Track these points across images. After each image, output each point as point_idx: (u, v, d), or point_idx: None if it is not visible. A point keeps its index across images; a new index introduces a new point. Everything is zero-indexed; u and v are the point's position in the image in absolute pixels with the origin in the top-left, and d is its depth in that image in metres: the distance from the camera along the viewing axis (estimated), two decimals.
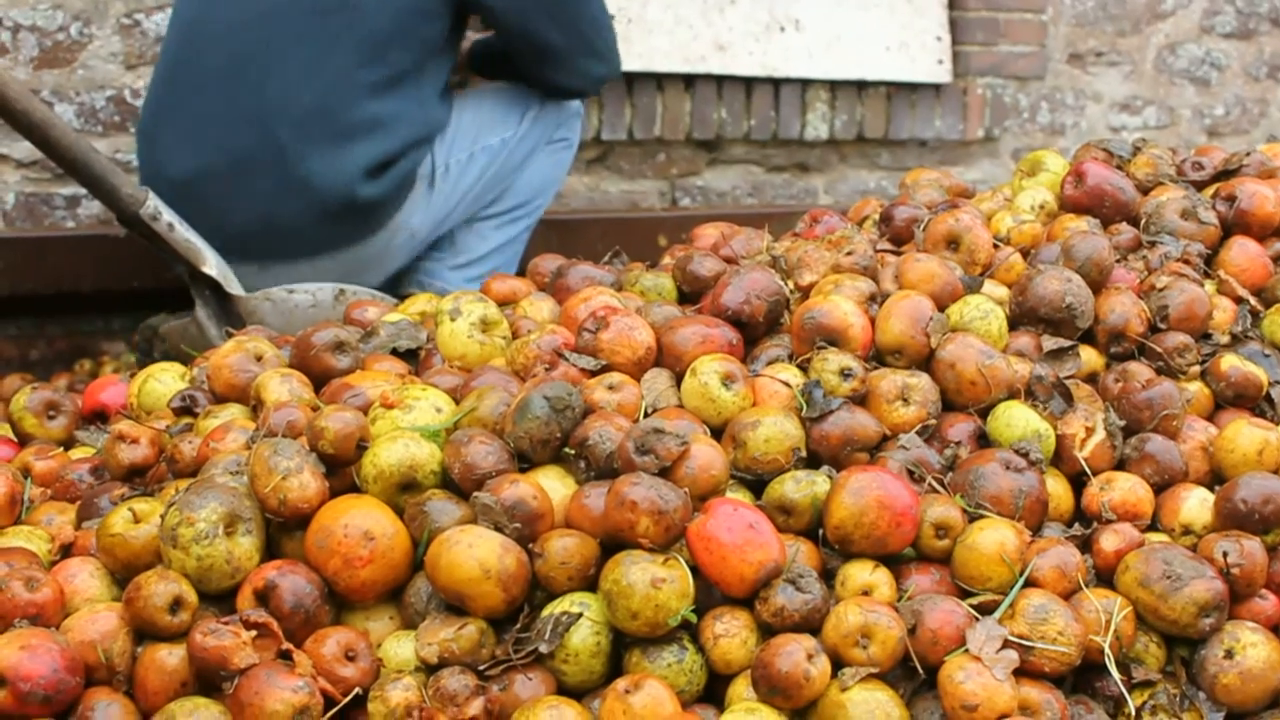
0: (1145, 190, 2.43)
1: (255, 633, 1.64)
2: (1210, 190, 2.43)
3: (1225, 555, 1.80)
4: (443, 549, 1.70)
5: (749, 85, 4.43)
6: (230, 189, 2.98)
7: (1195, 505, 1.92)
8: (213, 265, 2.98)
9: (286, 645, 1.65)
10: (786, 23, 4.46)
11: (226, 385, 2.08)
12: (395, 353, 2.16)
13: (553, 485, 1.82)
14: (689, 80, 4.33)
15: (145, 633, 1.67)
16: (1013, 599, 1.73)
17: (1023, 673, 1.69)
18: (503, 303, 2.33)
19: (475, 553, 1.69)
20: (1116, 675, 1.73)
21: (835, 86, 4.56)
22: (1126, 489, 1.92)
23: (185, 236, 2.95)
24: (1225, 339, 2.18)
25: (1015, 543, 1.78)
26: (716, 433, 1.91)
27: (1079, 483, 1.96)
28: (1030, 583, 1.77)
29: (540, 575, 1.73)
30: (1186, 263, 2.25)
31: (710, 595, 1.73)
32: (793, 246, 2.29)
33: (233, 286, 3.02)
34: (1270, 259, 2.31)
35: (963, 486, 1.86)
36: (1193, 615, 1.76)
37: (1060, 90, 4.97)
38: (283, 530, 1.77)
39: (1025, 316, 2.12)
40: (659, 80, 4.28)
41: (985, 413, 1.97)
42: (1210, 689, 1.76)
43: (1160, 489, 1.95)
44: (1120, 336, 2.12)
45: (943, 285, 2.11)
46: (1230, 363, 2.11)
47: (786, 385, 1.95)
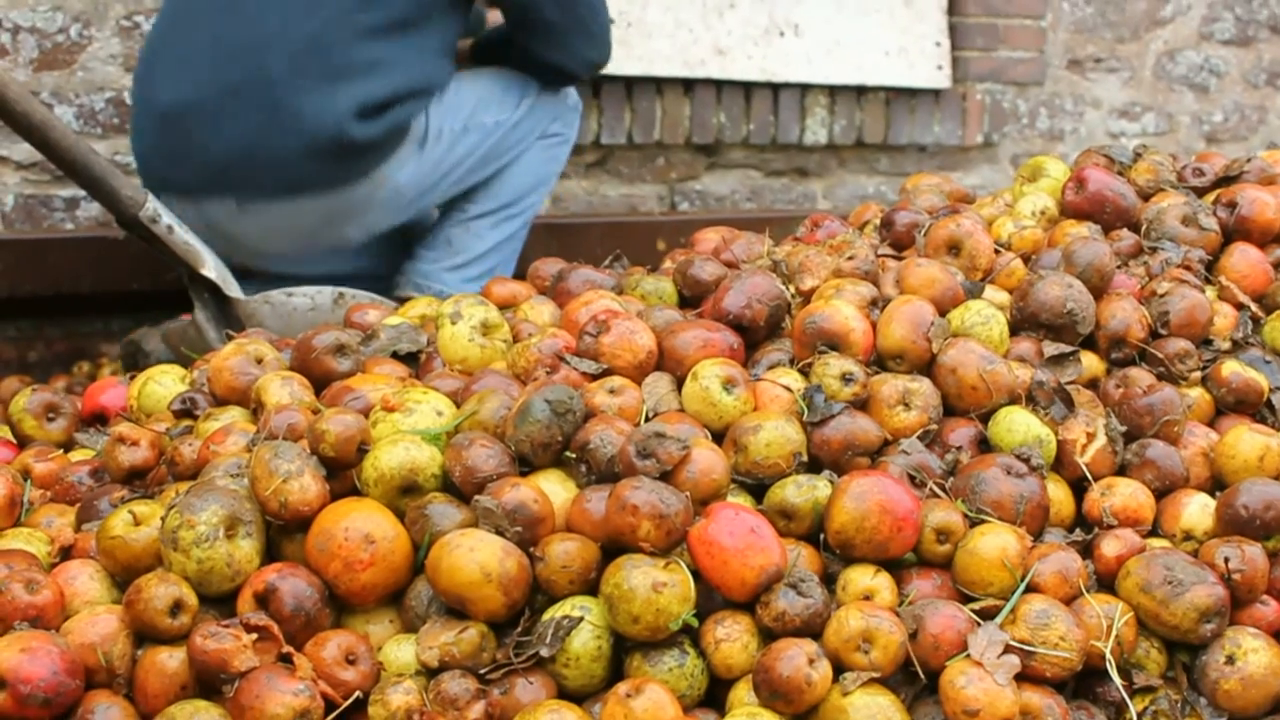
0: (1146, 196, 2.43)
1: (256, 636, 1.64)
2: (1211, 196, 2.43)
3: (1226, 561, 1.80)
4: (443, 552, 1.70)
5: (748, 90, 4.44)
6: (217, 119, 2.95)
7: (1196, 511, 1.92)
8: (211, 268, 2.98)
9: (287, 648, 1.64)
10: (786, 27, 4.46)
11: (227, 388, 2.08)
12: (396, 356, 2.16)
13: (554, 489, 1.82)
14: (688, 84, 4.34)
15: (145, 635, 1.66)
16: (1014, 604, 1.73)
17: (1024, 678, 1.68)
18: (503, 306, 2.33)
19: (476, 556, 1.69)
20: (1118, 681, 1.73)
21: (834, 91, 4.56)
22: (1128, 494, 1.92)
23: (184, 239, 2.95)
24: (1226, 345, 2.18)
25: (1016, 548, 1.77)
26: (717, 437, 1.90)
27: (1080, 488, 1.96)
28: (1031, 588, 1.76)
29: (541, 579, 1.73)
30: (1187, 269, 2.25)
31: (711, 599, 1.72)
32: (794, 251, 2.29)
33: (231, 289, 3.02)
34: (1271, 265, 2.31)
35: (964, 491, 1.86)
36: (1194, 621, 1.76)
37: (1059, 96, 4.98)
38: (283, 533, 1.77)
39: (1026, 322, 2.12)
40: (658, 84, 4.28)
41: (986, 418, 1.97)
42: (1211, 695, 1.76)
43: (1161, 494, 1.95)
44: (1121, 342, 2.12)
45: (944, 290, 2.11)
46: (1231, 369, 2.11)
47: (787, 390, 1.95)
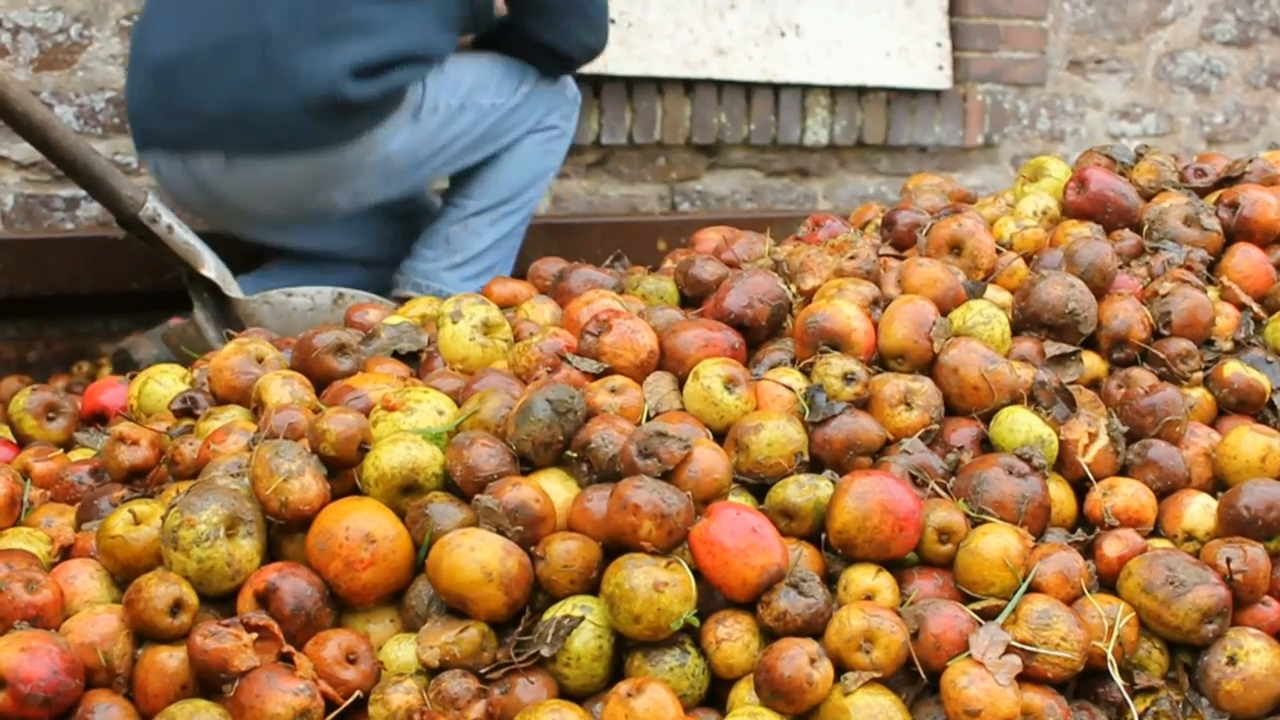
0: (1148, 196, 2.43)
1: (256, 635, 1.63)
2: (1213, 197, 2.43)
3: (1228, 561, 1.80)
4: (444, 552, 1.70)
5: (749, 90, 4.43)
6: (210, 73, 2.93)
7: (1198, 511, 1.92)
8: (211, 268, 2.98)
9: (287, 648, 1.64)
10: (787, 28, 4.46)
11: (227, 387, 2.07)
12: (396, 355, 2.15)
13: (555, 488, 1.82)
14: (689, 85, 4.33)
15: (145, 635, 1.66)
16: (1016, 604, 1.73)
17: (1025, 678, 1.68)
18: (504, 305, 2.33)
19: (477, 555, 1.68)
20: (1119, 681, 1.73)
21: (835, 92, 4.56)
22: (1129, 495, 1.92)
23: (184, 239, 2.94)
24: (1228, 345, 2.18)
25: (1018, 548, 1.77)
26: (719, 436, 1.90)
27: (1081, 488, 1.96)
28: (1033, 588, 1.76)
29: (542, 578, 1.73)
30: (1189, 269, 2.24)
31: (712, 599, 1.72)
32: (795, 251, 2.29)
33: (231, 289, 3.01)
34: (1273, 266, 2.31)
35: (966, 491, 1.86)
36: (1195, 621, 1.76)
37: (1060, 97, 4.98)
38: (284, 532, 1.77)
39: (1028, 322, 2.12)
40: (659, 84, 4.28)
41: (988, 418, 1.97)
42: (1213, 695, 1.76)
43: (1163, 495, 1.95)
44: (1123, 342, 2.12)
45: (946, 290, 2.10)
46: (1233, 369, 2.11)
47: (789, 389, 1.95)
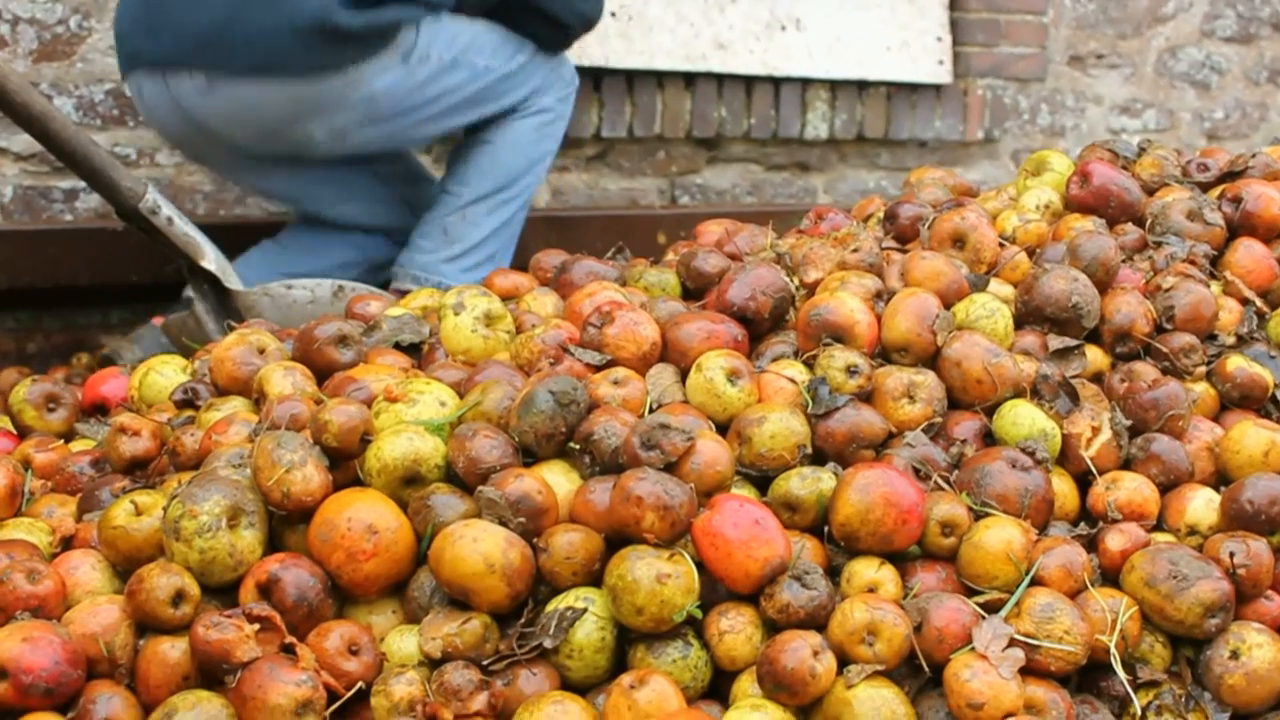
0: (1151, 191, 2.43)
1: (258, 626, 1.63)
2: (1216, 192, 2.42)
3: (1231, 556, 1.80)
4: (447, 543, 1.69)
5: (749, 84, 4.43)
6: None
7: (1201, 506, 1.92)
8: (211, 260, 2.97)
9: (289, 639, 1.64)
10: (787, 22, 4.45)
11: (229, 378, 2.07)
12: (398, 347, 2.15)
13: (557, 480, 1.82)
14: (689, 78, 4.33)
15: (147, 625, 1.66)
16: (1019, 597, 1.73)
17: (1028, 671, 1.68)
18: (505, 298, 2.32)
19: (480, 547, 1.68)
20: (1122, 675, 1.73)
21: (835, 86, 4.55)
22: (1132, 489, 1.92)
23: (184, 230, 2.94)
24: (1231, 340, 2.17)
25: (1021, 541, 1.77)
26: (721, 429, 1.90)
27: (1084, 482, 1.96)
28: (1036, 581, 1.76)
29: (545, 570, 1.73)
30: (1192, 263, 2.24)
31: (715, 591, 1.72)
32: (798, 243, 2.28)
33: (231, 281, 3.01)
34: (1276, 260, 2.30)
35: (969, 485, 1.85)
36: (1199, 616, 1.75)
37: (1060, 92, 4.97)
38: (286, 523, 1.76)
39: (1031, 315, 2.12)
40: (659, 78, 4.27)
41: (991, 411, 1.97)
42: (1216, 690, 1.76)
43: (1166, 489, 1.95)
44: (1126, 336, 2.12)
45: (949, 283, 2.10)
46: (1236, 364, 2.11)
47: (792, 382, 1.94)
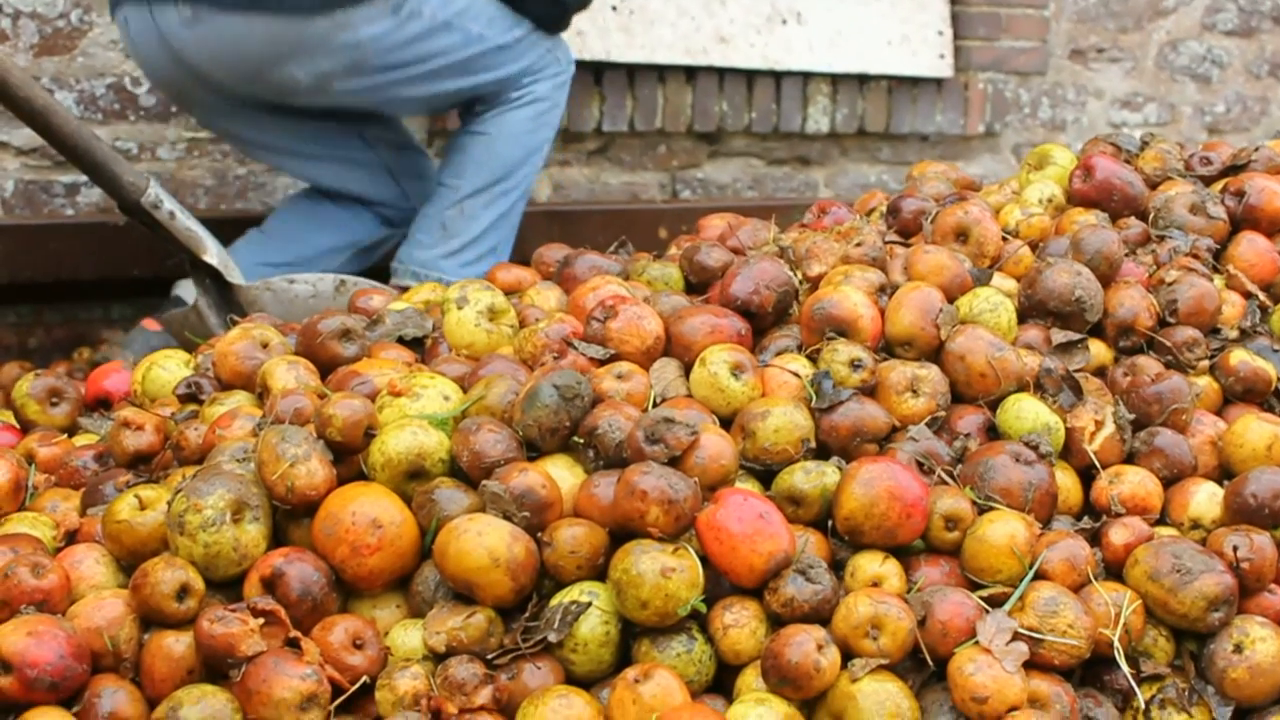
0: (1153, 185, 2.43)
1: (262, 620, 1.63)
2: (1218, 185, 2.42)
3: (1235, 549, 1.80)
4: (451, 537, 1.69)
5: (750, 78, 4.43)
6: None
7: (1204, 499, 1.92)
8: (213, 254, 2.97)
9: (294, 633, 1.64)
10: (788, 15, 4.45)
11: (232, 372, 2.07)
12: (402, 341, 2.15)
13: (561, 474, 1.82)
14: (690, 72, 4.33)
15: (152, 620, 1.66)
16: (1022, 591, 1.73)
17: (1032, 665, 1.68)
18: (508, 292, 2.32)
19: (484, 541, 1.68)
20: (1125, 669, 1.73)
21: (837, 80, 4.55)
22: (1136, 483, 1.92)
23: (186, 225, 2.93)
24: (1234, 334, 2.18)
25: (1025, 535, 1.77)
26: (725, 423, 1.90)
27: (1088, 476, 1.96)
28: (1040, 575, 1.76)
29: (549, 564, 1.73)
30: (1195, 257, 2.24)
31: (719, 585, 1.72)
32: (801, 237, 2.28)
33: (233, 276, 3.00)
34: (1279, 254, 2.30)
35: (972, 479, 1.85)
36: (1202, 609, 1.75)
37: (1061, 86, 4.97)
38: (290, 518, 1.76)
39: (1034, 309, 2.11)
40: (660, 72, 4.27)
41: (995, 405, 1.97)
42: (1219, 683, 1.76)
43: (1169, 483, 1.95)
44: (1129, 330, 2.12)
45: (952, 277, 2.10)
46: (1239, 357, 2.11)
47: (796, 376, 1.94)
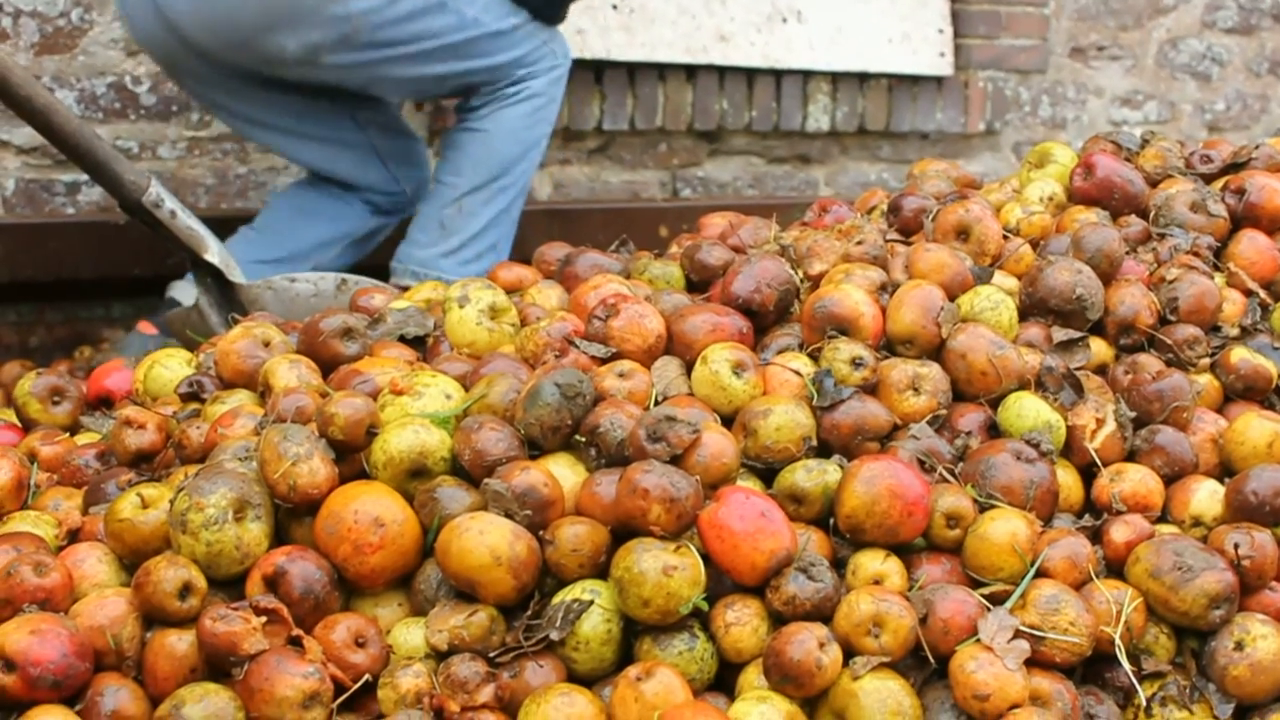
0: (1154, 183, 2.43)
1: (265, 619, 1.63)
2: (1219, 183, 2.42)
3: (1236, 547, 1.80)
4: (453, 536, 1.70)
5: (751, 76, 4.43)
6: None
7: (1205, 497, 1.92)
8: (215, 253, 2.97)
9: (296, 631, 1.64)
10: (789, 14, 4.45)
11: (234, 371, 2.07)
12: (403, 339, 2.15)
13: (563, 473, 1.82)
14: (691, 71, 4.33)
15: (154, 618, 1.66)
16: (1024, 589, 1.73)
17: (1034, 663, 1.68)
18: (510, 290, 2.32)
19: (486, 540, 1.68)
20: (1127, 666, 1.73)
21: (837, 78, 4.55)
22: (1137, 480, 1.92)
23: (187, 224, 2.93)
24: (1235, 331, 2.18)
25: (1026, 533, 1.77)
26: (727, 421, 1.90)
27: (1089, 474, 1.96)
28: (1041, 573, 1.76)
29: (551, 562, 1.73)
30: (1196, 255, 2.24)
31: (721, 583, 1.72)
32: (802, 236, 2.28)
33: (235, 275, 3.01)
34: (1279, 252, 2.31)
35: (974, 477, 1.86)
36: (1203, 607, 1.75)
37: (1062, 84, 4.97)
38: (292, 516, 1.77)
39: (1035, 307, 2.12)
40: (661, 70, 4.27)
41: (996, 403, 1.97)
42: (1220, 681, 1.76)
43: (1170, 481, 1.95)
44: (1130, 328, 2.12)
45: (953, 275, 2.10)
46: (1240, 355, 2.11)
47: (797, 374, 1.95)
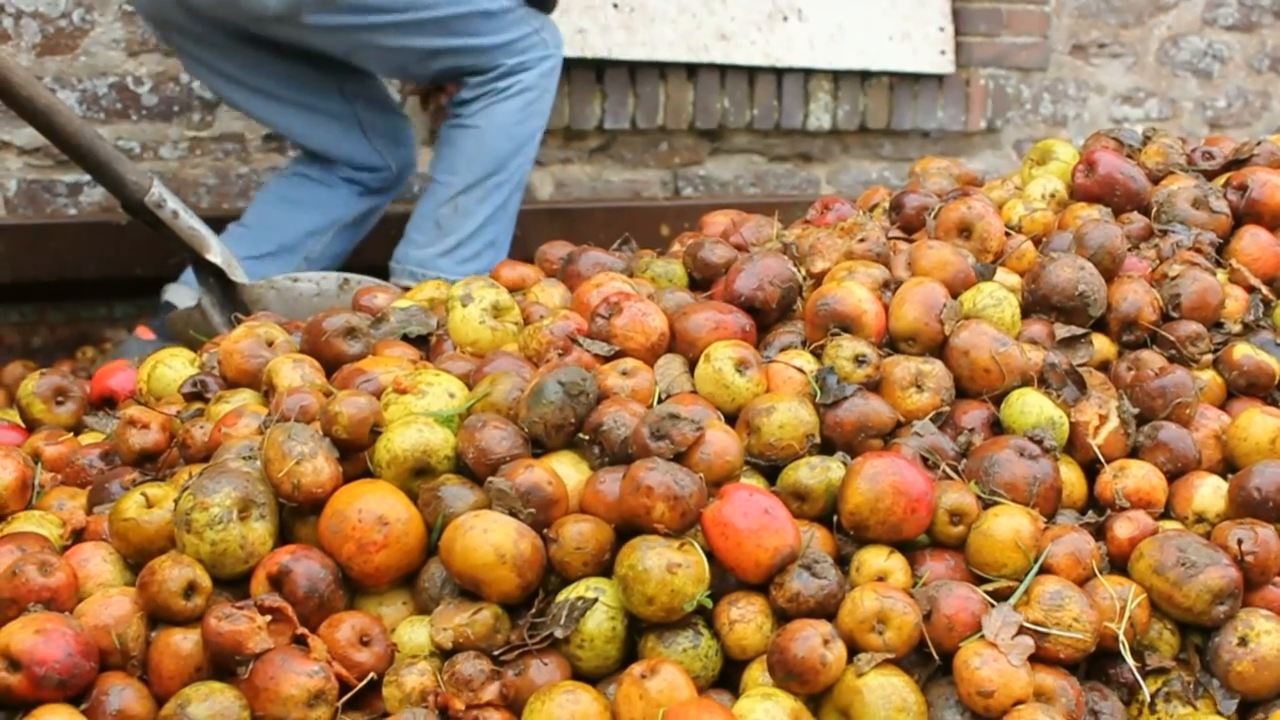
0: (1156, 179, 2.43)
1: (270, 617, 1.64)
2: (1221, 180, 2.42)
3: (1239, 543, 1.80)
4: (457, 534, 1.70)
5: (752, 75, 4.43)
6: None
7: (1208, 493, 1.92)
8: (217, 253, 2.97)
9: (301, 630, 1.64)
10: (789, 12, 4.45)
11: (238, 370, 2.07)
12: (406, 338, 2.15)
13: (567, 471, 1.82)
14: (692, 69, 4.33)
15: (159, 617, 1.66)
16: (1028, 585, 1.73)
17: (1038, 659, 1.68)
18: (512, 289, 2.33)
19: (490, 538, 1.68)
20: (1131, 662, 1.73)
21: (838, 76, 4.56)
22: (1140, 476, 1.92)
23: (189, 224, 2.94)
24: (1237, 328, 2.18)
25: (1030, 529, 1.77)
26: (730, 419, 1.90)
27: (1092, 470, 1.96)
28: (1045, 569, 1.76)
29: (555, 560, 1.73)
30: (1198, 251, 2.24)
31: (725, 581, 1.72)
32: (804, 234, 2.28)
33: (237, 274, 3.01)
34: None
35: (977, 473, 1.86)
36: (1207, 603, 1.76)
37: (1063, 82, 4.97)
38: (296, 515, 1.77)
39: (1038, 304, 2.12)
40: (662, 69, 4.28)
41: (999, 400, 1.97)
42: (1224, 676, 1.76)
43: (1173, 477, 1.95)
44: (1132, 325, 2.12)
45: (956, 273, 2.10)
46: (1243, 351, 2.11)
47: (800, 371, 1.95)
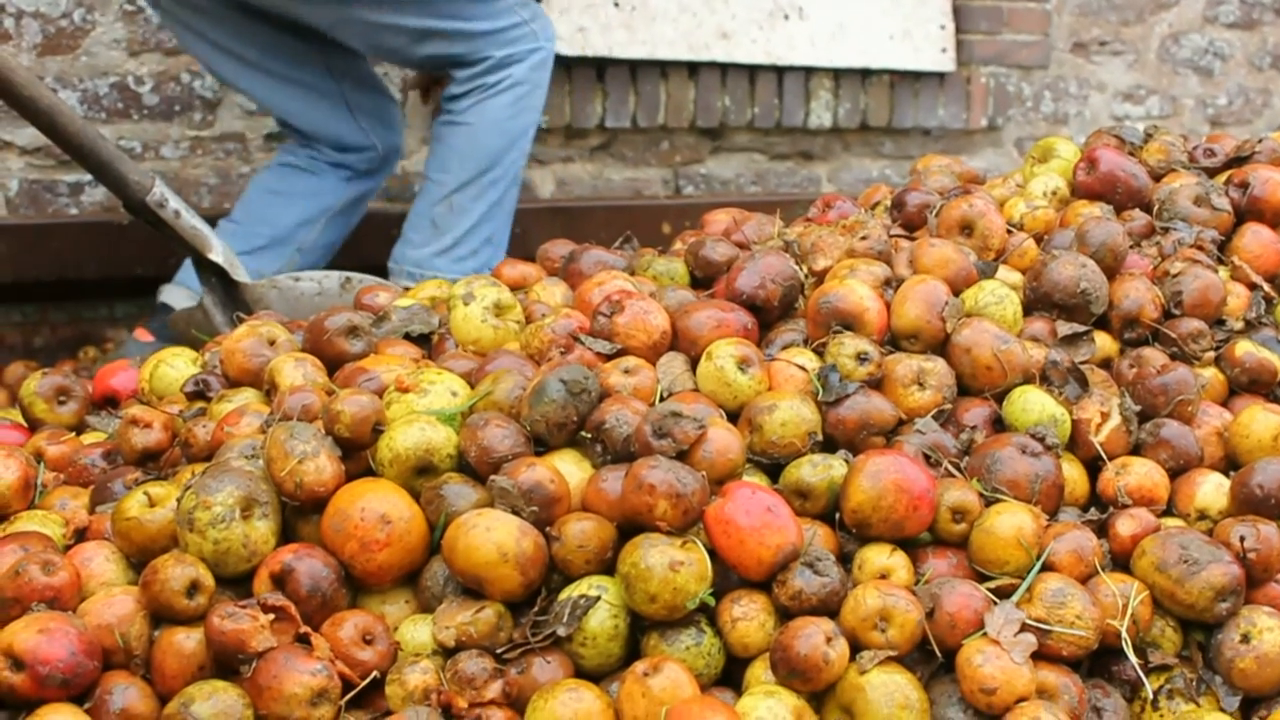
0: (1157, 177, 2.43)
1: (273, 616, 1.64)
2: (1222, 177, 2.42)
3: (1242, 540, 1.80)
4: (460, 532, 1.70)
5: (753, 73, 4.43)
6: None
7: (1211, 490, 1.92)
8: (219, 252, 2.98)
9: (304, 629, 1.64)
10: (790, 10, 4.45)
11: (240, 370, 2.07)
12: (408, 337, 2.15)
13: (569, 469, 1.82)
14: (693, 68, 4.33)
15: (162, 616, 1.66)
16: (1030, 583, 1.73)
17: (1040, 656, 1.68)
18: (514, 287, 2.33)
19: (493, 536, 1.68)
20: (1134, 659, 1.73)
21: (839, 75, 4.55)
22: (1142, 474, 1.92)
23: (191, 223, 2.94)
24: (1239, 325, 2.18)
25: (1032, 527, 1.77)
26: (732, 417, 1.90)
27: (1094, 468, 1.96)
28: (1047, 567, 1.76)
29: (557, 559, 1.73)
30: (1200, 249, 2.24)
31: (728, 578, 1.73)
32: (806, 232, 2.28)
33: (239, 274, 3.01)
34: None
35: (979, 471, 1.86)
36: (1209, 600, 1.76)
37: (1064, 79, 4.97)
38: (299, 514, 1.77)
39: (1040, 302, 2.12)
40: (663, 68, 4.28)
41: (1001, 397, 1.97)
42: (1227, 673, 1.76)
43: (1176, 474, 1.95)
44: (1134, 322, 2.12)
45: (957, 270, 2.10)
46: (1245, 349, 2.11)
47: (802, 369, 1.95)
